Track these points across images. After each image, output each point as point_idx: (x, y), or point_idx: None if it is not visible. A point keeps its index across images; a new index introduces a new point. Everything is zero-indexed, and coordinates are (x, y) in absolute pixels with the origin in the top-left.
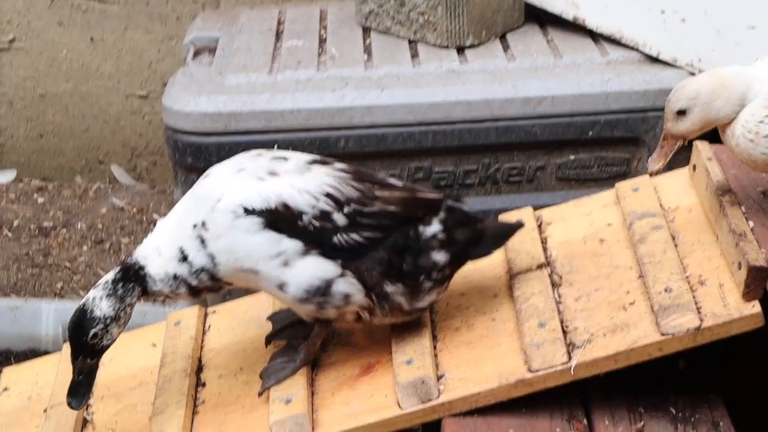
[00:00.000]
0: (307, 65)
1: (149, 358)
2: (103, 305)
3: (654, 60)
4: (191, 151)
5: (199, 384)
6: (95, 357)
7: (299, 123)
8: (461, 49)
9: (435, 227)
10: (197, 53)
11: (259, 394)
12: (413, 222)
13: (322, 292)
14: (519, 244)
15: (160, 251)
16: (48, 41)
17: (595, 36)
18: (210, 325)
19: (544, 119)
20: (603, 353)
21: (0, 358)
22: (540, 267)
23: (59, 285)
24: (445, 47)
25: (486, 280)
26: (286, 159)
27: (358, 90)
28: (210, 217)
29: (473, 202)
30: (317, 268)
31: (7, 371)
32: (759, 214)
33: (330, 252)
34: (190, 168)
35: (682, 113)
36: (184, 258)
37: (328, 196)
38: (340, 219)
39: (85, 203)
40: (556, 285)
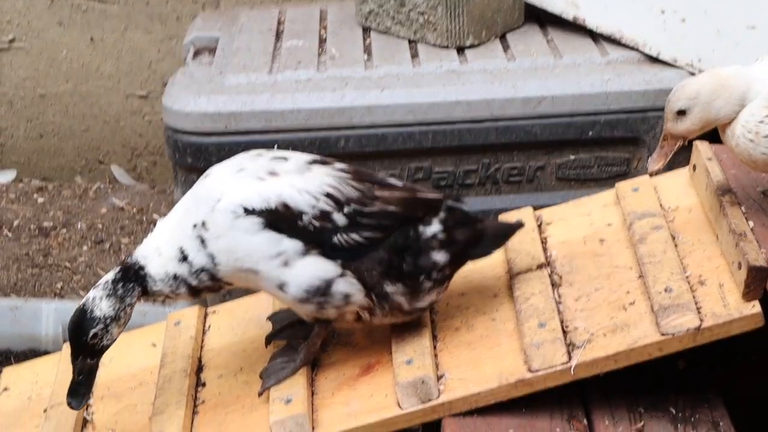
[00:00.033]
0: (307, 65)
1: (149, 358)
2: (103, 305)
3: (654, 60)
4: (191, 151)
5: (199, 384)
6: (95, 357)
7: (299, 123)
8: (461, 49)
9: (435, 227)
10: (197, 53)
11: (259, 394)
12: (413, 222)
13: (322, 292)
14: (519, 244)
15: (160, 251)
16: (48, 41)
17: (595, 36)
18: (210, 325)
19: (544, 119)
20: (603, 353)
21: (0, 358)
22: (540, 267)
23: (59, 285)
24: (445, 47)
25: (486, 280)
26: (286, 159)
27: (358, 90)
28: (210, 217)
29: (473, 202)
30: (317, 268)
31: (7, 371)
32: (759, 214)
33: (330, 252)
34: (190, 168)
35: (682, 113)
36: (184, 258)
37: (328, 196)
38: (340, 219)
39: (85, 203)
40: (556, 285)
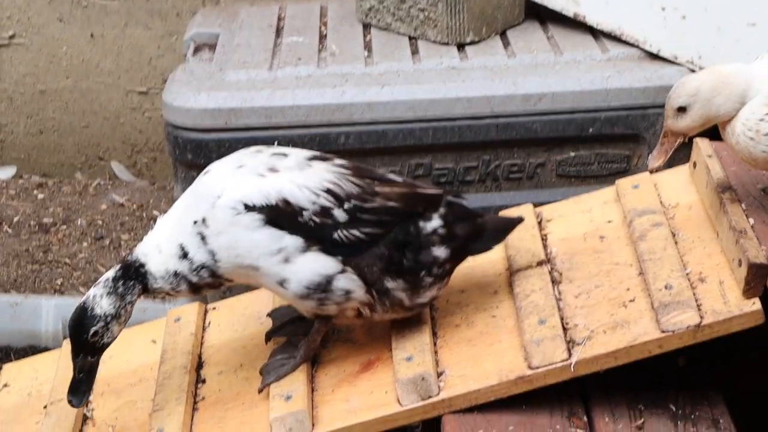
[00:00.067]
0: (308, 62)
1: (149, 354)
2: (104, 303)
3: (654, 57)
4: (191, 148)
5: (199, 380)
6: (96, 355)
7: (299, 119)
8: (461, 46)
9: (435, 222)
10: (197, 49)
11: (259, 390)
12: (413, 217)
13: (322, 288)
14: (519, 241)
15: (160, 248)
16: (48, 37)
17: (596, 33)
18: (210, 322)
19: (544, 116)
20: (603, 350)
21: (0, 354)
22: (540, 264)
23: (59, 281)
24: (446, 44)
25: (486, 277)
26: (285, 155)
27: (358, 86)
28: (210, 214)
29: (473, 198)
30: (318, 264)
31: (7, 368)
32: (759, 211)
33: (330, 248)
34: (190, 164)
35: (682, 110)
36: (184, 255)
37: (328, 192)
38: (340, 215)
39: (85, 199)
40: (556, 282)
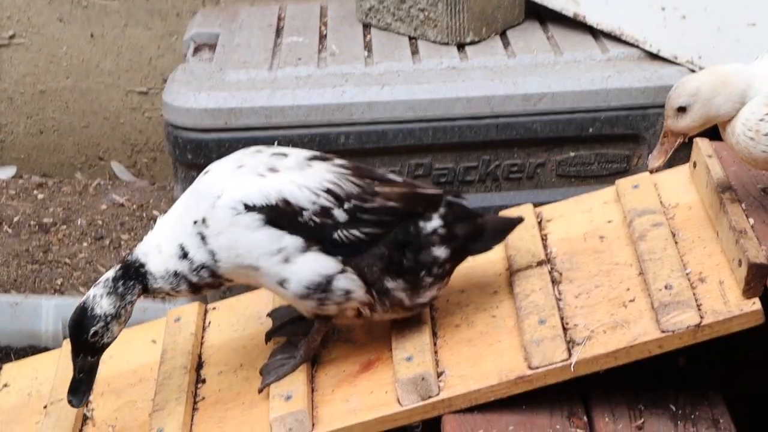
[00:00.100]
0: (308, 62)
1: (149, 354)
2: (104, 303)
3: (654, 57)
4: (191, 148)
5: (199, 380)
6: (96, 355)
7: (299, 119)
8: (461, 46)
9: (435, 222)
10: (197, 49)
11: (259, 390)
12: (413, 218)
13: (322, 288)
14: (519, 241)
15: (160, 248)
16: (48, 37)
17: (596, 33)
18: (210, 322)
19: (544, 116)
20: (603, 350)
21: (0, 354)
22: (540, 264)
23: (59, 281)
24: (446, 44)
25: (486, 277)
26: (285, 155)
27: (358, 86)
28: (210, 214)
29: (473, 199)
30: (318, 264)
31: (7, 368)
32: (759, 211)
33: (330, 248)
34: (190, 164)
35: (682, 110)
36: (184, 255)
37: (328, 192)
38: (340, 215)
39: (85, 199)
40: (556, 282)
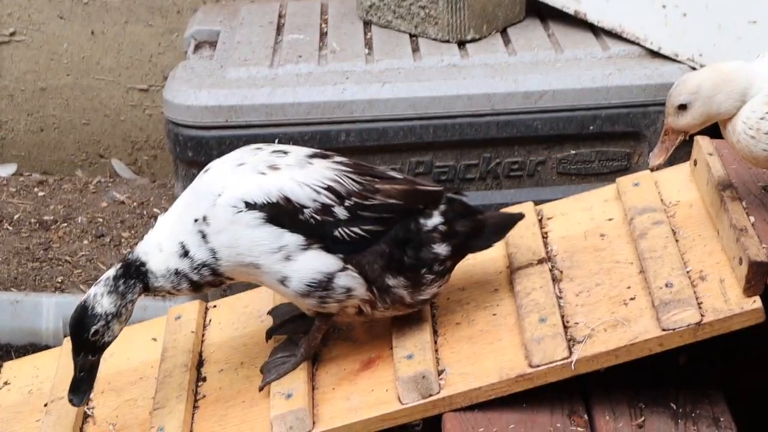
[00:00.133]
0: (308, 59)
1: (150, 352)
2: (105, 302)
3: (655, 54)
4: (192, 145)
5: (200, 378)
6: (97, 354)
7: (300, 117)
8: (462, 43)
9: (436, 219)
10: (198, 47)
11: (260, 388)
12: (414, 215)
13: (323, 286)
14: (520, 239)
15: (161, 247)
16: (49, 34)
17: (596, 30)
18: (210, 320)
19: (545, 113)
20: (604, 348)
21: (0, 352)
22: (541, 262)
23: (60, 279)
24: (446, 41)
25: (487, 275)
26: (286, 153)
27: (358, 84)
28: (211, 212)
29: (474, 196)
30: (319, 262)
31: (8, 365)
32: (760, 209)
33: (331, 246)
34: (190, 162)
35: (683, 108)
36: (185, 253)
37: (329, 189)
38: (341, 212)
39: (86, 197)
40: (556, 280)
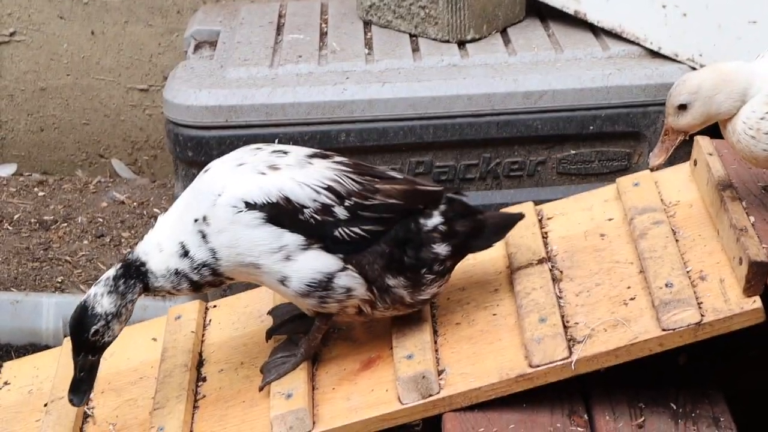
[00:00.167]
0: (308, 59)
1: (150, 352)
2: (105, 302)
3: (655, 54)
4: (192, 145)
5: (200, 378)
6: (97, 353)
7: (300, 117)
8: (462, 43)
9: (436, 219)
10: (198, 47)
11: (260, 388)
12: (414, 215)
13: (323, 286)
14: (520, 238)
15: (161, 247)
16: (49, 34)
17: (596, 30)
18: (210, 320)
19: (545, 113)
20: (604, 348)
21: (1, 352)
22: (541, 262)
23: (60, 279)
24: (446, 41)
25: (487, 275)
26: (285, 153)
27: (359, 84)
28: (211, 212)
29: (474, 196)
30: (319, 262)
31: (8, 366)
32: (760, 209)
33: (331, 246)
34: (190, 162)
35: (683, 108)
36: (185, 253)
37: (329, 189)
38: (341, 212)
39: (86, 197)
40: (556, 280)
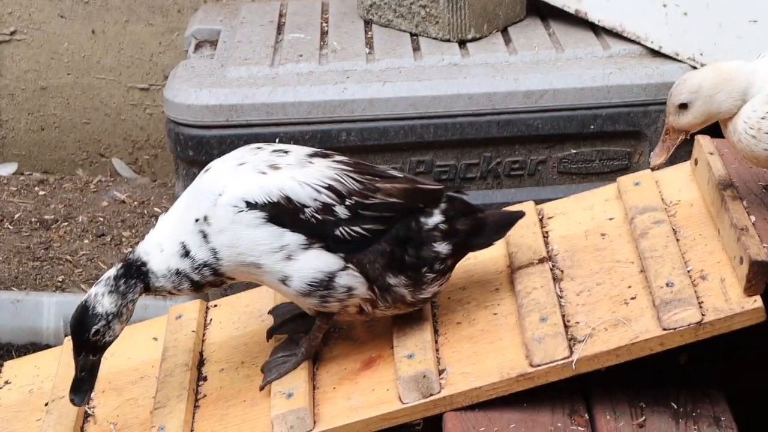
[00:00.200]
0: (309, 58)
1: (151, 351)
2: (105, 302)
3: (656, 53)
4: (192, 144)
5: (201, 378)
6: (97, 353)
7: (301, 116)
8: (463, 43)
9: (437, 218)
10: (199, 46)
11: (261, 388)
12: (415, 213)
13: (324, 285)
14: (520, 238)
15: (162, 247)
16: (49, 33)
17: (597, 29)
18: (211, 319)
19: (545, 113)
20: (604, 348)
21: (1, 351)
22: (541, 261)
23: (60, 278)
24: (447, 40)
25: (487, 274)
26: (286, 152)
27: (359, 83)
28: (212, 212)
29: (474, 196)
30: (320, 261)
31: (9, 365)
32: (761, 208)
33: (332, 245)
34: (191, 161)
35: (683, 107)
36: (186, 253)
37: (329, 188)
38: (342, 211)
39: (87, 196)
40: (557, 279)
